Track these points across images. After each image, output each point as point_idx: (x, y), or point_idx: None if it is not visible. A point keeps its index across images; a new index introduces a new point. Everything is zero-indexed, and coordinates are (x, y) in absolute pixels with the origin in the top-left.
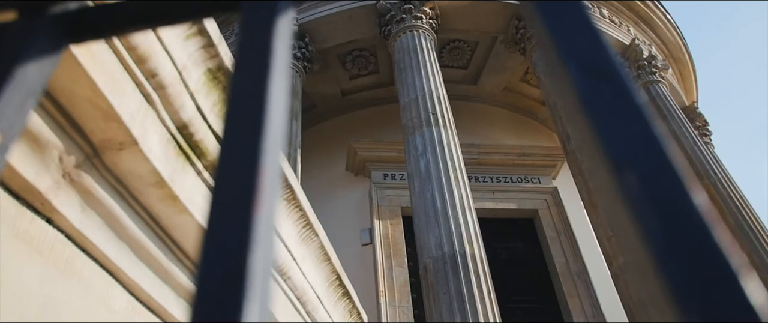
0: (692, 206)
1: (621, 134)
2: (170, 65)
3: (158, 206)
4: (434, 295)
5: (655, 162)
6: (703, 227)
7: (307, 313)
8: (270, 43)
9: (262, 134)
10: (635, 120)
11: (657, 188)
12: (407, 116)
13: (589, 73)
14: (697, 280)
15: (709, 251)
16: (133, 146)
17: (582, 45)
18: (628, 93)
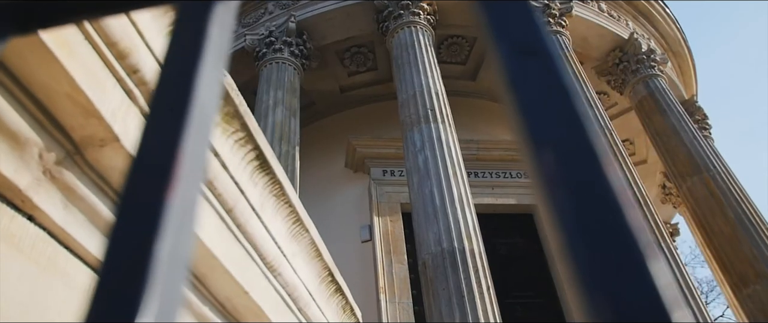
0: (607, 189)
1: (542, 112)
2: (153, 61)
3: None
4: (433, 291)
5: (573, 142)
6: (616, 211)
7: (299, 310)
8: (203, 32)
9: (183, 121)
10: (558, 99)
11: (573, 170)
12: (405, 112)
13: (517, 52)
14: (604, 265)
15: (618, 235)
16: (115, 142)
17: (514, 25)
18: (555, 71)
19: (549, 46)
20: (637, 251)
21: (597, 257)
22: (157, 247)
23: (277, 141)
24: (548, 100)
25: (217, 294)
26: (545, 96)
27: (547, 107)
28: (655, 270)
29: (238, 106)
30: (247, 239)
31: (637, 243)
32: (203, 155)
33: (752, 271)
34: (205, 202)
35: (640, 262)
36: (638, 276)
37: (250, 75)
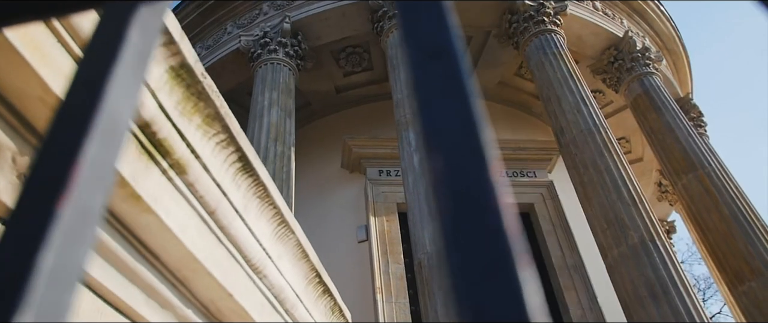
0: (488, 196)
1: (439, 117)
2: None
3: (121, 206)
4: (429, 291)
5: (464, 148)
6: (493, 218)
7: (286, 311)
8: (121, 36)
9: (85, 128)
10: (457, 103)
11: (458, 176)
12: (400, 111)
13: (423, 54)
14: (473, 270)
15: (492, 241)
16: None
17: (424, 27)
18: (457, 75)
19: (455, 48)
20: (509, 259)
21: (468, 262)
22: (39, 258)
23: (273, 142)
24: (446, 104)
25: (201, 296)
26: (444, 100)
27: (444, 111)
28: (522, 277)
29: (219, 108)
30: (230, 242)
31: (509, 250)
32: (109, 164)
33: (747, 268)
34: (186, 204)
35: (510, 269)
36: (505, 284)
37: (245, 76)
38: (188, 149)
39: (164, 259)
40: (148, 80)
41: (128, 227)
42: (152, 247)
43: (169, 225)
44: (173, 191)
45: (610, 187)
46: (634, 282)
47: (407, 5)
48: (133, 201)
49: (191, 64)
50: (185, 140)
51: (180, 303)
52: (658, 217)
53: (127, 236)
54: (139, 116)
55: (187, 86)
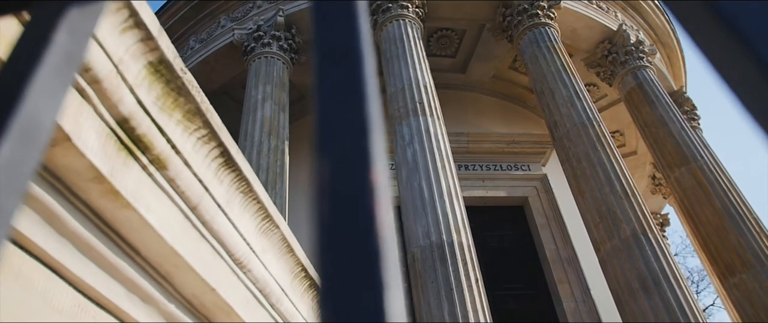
0: (368, 203)
1: (334, 121)
2: (105, 59)
3: (100, 201)
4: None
5: (352, 153)
6: (369, 224)
7: (271, 305)
8: (47, 37)
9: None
10: (354, 109)
11: (342, 182)
12: (394, 105)
13: (327, 57)
14: (340, 276)
15: (363, 248)
16: (66, 141)
17: (332, 29)
18: (358, 80)
19: (360, 52)
20: (376, 261)
21: (337, 262)
22: None
23: (267, 136)
24: (342, 110)
25: (184, 291)
26: (340, 106)
27: (338, 116)
28: (387, 280)
29: (199, 103)
30: (213, 237)
31: (377, 253)
32: (27, 166)
33: (739, 260)
34: (167, 200)
35: (375, 272)
36: (368, 286)
37: (239, 70)
38: (168, 145)
39: (145, 254)
40: (126, 76)
41: (108, 222)
42: (133, 242)
43: (150, 221)
44: (154, 187)
45: (603, 180)
46: (626, 275)
47: (320, 5)
48: (111, 197)
49: (170, 60)
50: (165, 136)
51: (163, 297)
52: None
53: (106, 231)
54: (117, 112)
55: (167, 82)
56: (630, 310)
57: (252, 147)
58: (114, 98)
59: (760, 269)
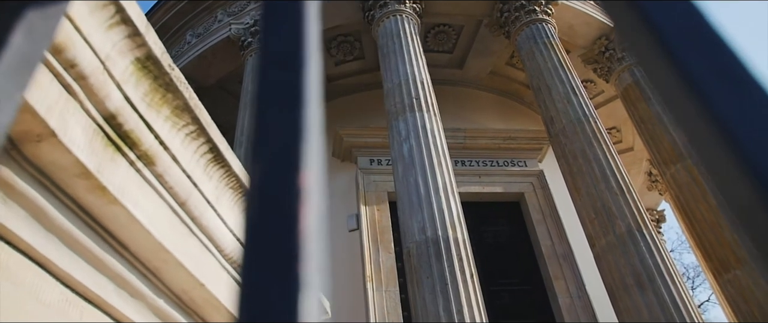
0: (293, 209)
1: (269, 125)
2: (91, 55)
3: (87, 197)
4: (418, 279)
5: (284, 157)
6: (292, 226)
7: None
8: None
9: None
10: (290, 113)
11: (270, 185)
12: (391, 101)
13: (270, 60)
14: (259, 275)
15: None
16: (52, 137)
17: (278, 35)
18: (297, 84)
19: (304, 57)
20: (294, 262)
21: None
22: None
23: None
24: (280, 113)
25: (173, 286)
26: (278, 109)
27: (275, 120)
28: (304, 280)
29: (188, 99)
30: (202, 232)
31: (296, 254)
32: None
33: (733, 257)
34: (155, 195)
35: (292, 272)
36: (284, 286)
37: (236, 64)
38: (156, 141)
39: (134, 250)
40: (112, 72)
41: (96, 218)
42: (121, 238)
43: (138, 217)
44: (142, 183)
45: (599, 177)
46: (620, 271)
47: (270, 5)
48: (99, 193)
49: (158, 56)
50: (153, 132)
51: (151, 293)
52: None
53: (94, 227)
54: (104, 108)
55: (155, 78)
56: (624, 306)
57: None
58: (101, 93)
59: (754, 265)
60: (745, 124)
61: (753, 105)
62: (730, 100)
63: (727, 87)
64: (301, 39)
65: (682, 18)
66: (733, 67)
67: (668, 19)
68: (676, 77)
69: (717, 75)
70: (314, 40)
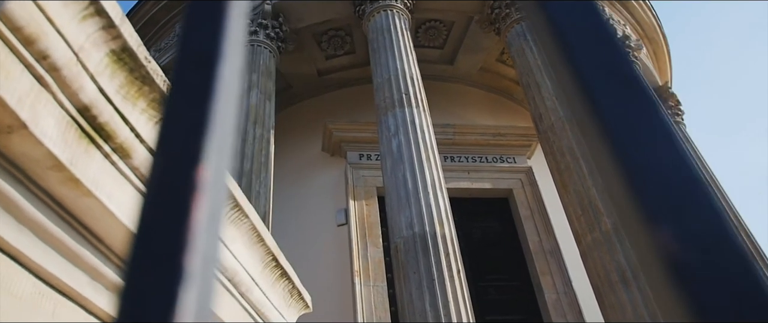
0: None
1: (175, 122)
2: (64, 46)
3: (60, 189)
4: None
5: (184, 152)
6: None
7: (241, 294)
8: None
9: None
10: (198, 109)
11: (166, 179)
12: (380, 96)
13: (187, 59)
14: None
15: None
16: (22, 129)
17: (196, 33)
18: (210, 82)
19: (220, 55)
20: (178, 257)
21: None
22: None
23: (252, 124)
24: (188, 111)
25: None
26: (188, 107)
27: (183, 117)
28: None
29: (165, 92)
30: None
31: (183, 247)
32: None
33: None
34: (131, 188)
35: (176, 267)
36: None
37: None
38: (132, 133)
39: (109, 243)
40: (86, 64)
41: (69, 210)
42: (95, 231)
43: (112, 209)
44: (117, 175)
45: (586, 174)
46: (606, 267)
47: (193, 5)
48: (71, 185)
49: (133, 49)
50: (129, 124)
51: None
52: None
53: (68, 220)
54: (77, 100)
55: (130, 71)
56: (609, 302)
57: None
58: (74, 85)
59: None
60: (623, 122)
61: (633, 105)
62: (613, 98)
63: (612, 86)
64: (218, 38)
65: (579, 18)
66: (619, 67)
67: (567, 18)
68: (570, 75)
69: (605, 74)
70: (234, 39)
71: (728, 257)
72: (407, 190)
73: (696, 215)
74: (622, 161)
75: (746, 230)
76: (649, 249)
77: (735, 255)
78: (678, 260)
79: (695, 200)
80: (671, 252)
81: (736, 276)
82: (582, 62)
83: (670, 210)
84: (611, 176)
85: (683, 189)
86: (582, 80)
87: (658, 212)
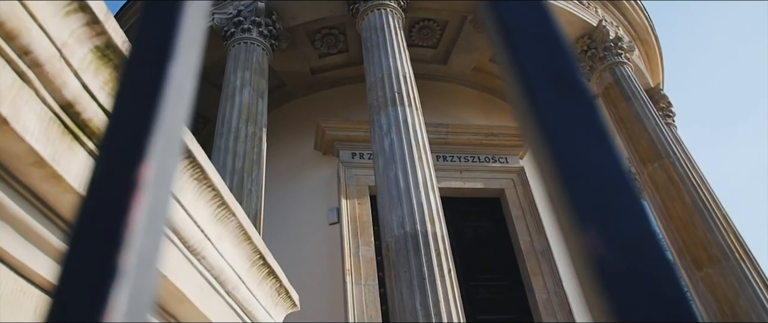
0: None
1: (120, 120)
2: (47, 42)
3: (42, 186)
4: (395, 274)
5: (127, 151)
6: (120, 217)
7: (227, 292)
8: None
9: None
10: (143, 106)
11: (106, 177)
12: (373, 95)
13: (136, 57)
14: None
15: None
16: (3, 124)
17: (148, 31)
18: (159, 80)
19: (171, 52)
20: (113, 254)
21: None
22: None
23: (244, 122)
24: (134, 108)
25: None
26: (134, 104)
27: (129, 115)
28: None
29: None
30: (165, 223)
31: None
32: None
33: (705, 255)
34: None
35: (111, 265)
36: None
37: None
38: None
39: None
40: (70, 60)
41: (51, 207)
42: None
43: None
44: None
45: None
46: None
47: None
48: (54, 182)
49: (118, 45)
50: None
51: None
52: None
53: (50, 216)
54: (60, 96)
55: (115, 67)
56: None
57: (229, 133)
58: (57, 81)
59: (725, 264)
60: (558, 124)
61: (570, 107)
62: (550, 100)
63: (551, 88)
64: (171, 36)
65: (526, 18)
66: (561, 69)
67: (514, 18)
68: (513, 75)
69: (546, 75)
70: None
71: (649, 258)
72: (399, 189)
73: (621, 217)
74: (555, 164)
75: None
76: (577, 251)
77: (656, 257)
78: (602, 261)
79: (622, 203)
80: (596, 253)
81: (656, 278)
82: (524, 63)
83: (598, 213)
84: (547, 179)
85: (611, 192)
86: (523, 81)
87: (586, 214)
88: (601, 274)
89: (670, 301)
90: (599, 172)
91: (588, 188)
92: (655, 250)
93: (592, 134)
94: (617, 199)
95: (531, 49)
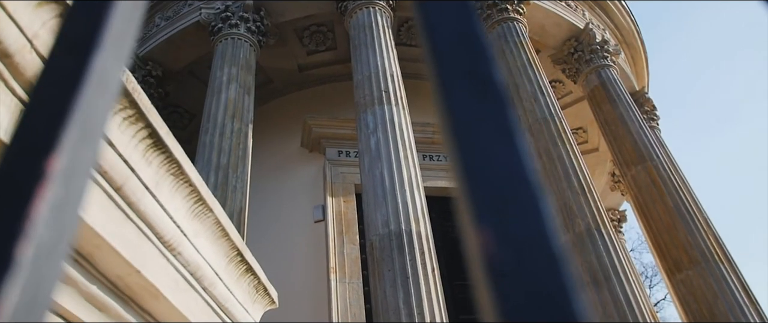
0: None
1: (36, 112)
2: (17, 33)
3: None
4: (379, 272)
5: (39, 143)
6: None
7: (204, 289)
8: None
9: None
10: (61, 98)
11: (14, 168)
12: (360, 93)
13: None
14: None
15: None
16: None
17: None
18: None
19: (102, 45)
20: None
21: None
22: None
23: (230, 118)
24: (51, 100)
25: (107, 273)
26: (52, 96)
27: (46, 107)
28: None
29: (125, 83)
30: (140, 218)
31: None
32: None
33: (686, 257)
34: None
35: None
36: None
37: (205, 50)
38: None
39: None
40: (40, 51)
41: None
42: None
43: None
44: None
45: (561, 175)
46: (578, 269)
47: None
48: None
49: None
50: None
51: (83, 278)
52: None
53: None
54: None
55: None
56: None
57: (214, 129)
58: (28, 73)
59: (705, 266)
60: (466, 123)
61: (480, 106)
62: (461, 99)
63: (464, 86)
64: (98, 27)
65: (448, 18)
66: (477, 68)
67: (437, 18)
68: (432, 73)
69: (460, 74)
70: (119, 31)
71: (538, 258)
72: (384, 188)
73: (516, 217)
74: (460, 162)
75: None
76: (473, 249)
77: (546, 257)
78: (491, 261)
79: (519, 202)
80: (488, 253)
81: (542, 277)
82: (441, 61)
83: (494, 211)
84: (456, 177)
85: (511, 192)
86: (438, 79)
87: (483, 213)
88: (489, 274)
89: (549, 301)
90: (502, 172)
91: (488, 187)
92: (546, 251)
93: (500, 133)
94: (515, 199)
95: (449, 47)
